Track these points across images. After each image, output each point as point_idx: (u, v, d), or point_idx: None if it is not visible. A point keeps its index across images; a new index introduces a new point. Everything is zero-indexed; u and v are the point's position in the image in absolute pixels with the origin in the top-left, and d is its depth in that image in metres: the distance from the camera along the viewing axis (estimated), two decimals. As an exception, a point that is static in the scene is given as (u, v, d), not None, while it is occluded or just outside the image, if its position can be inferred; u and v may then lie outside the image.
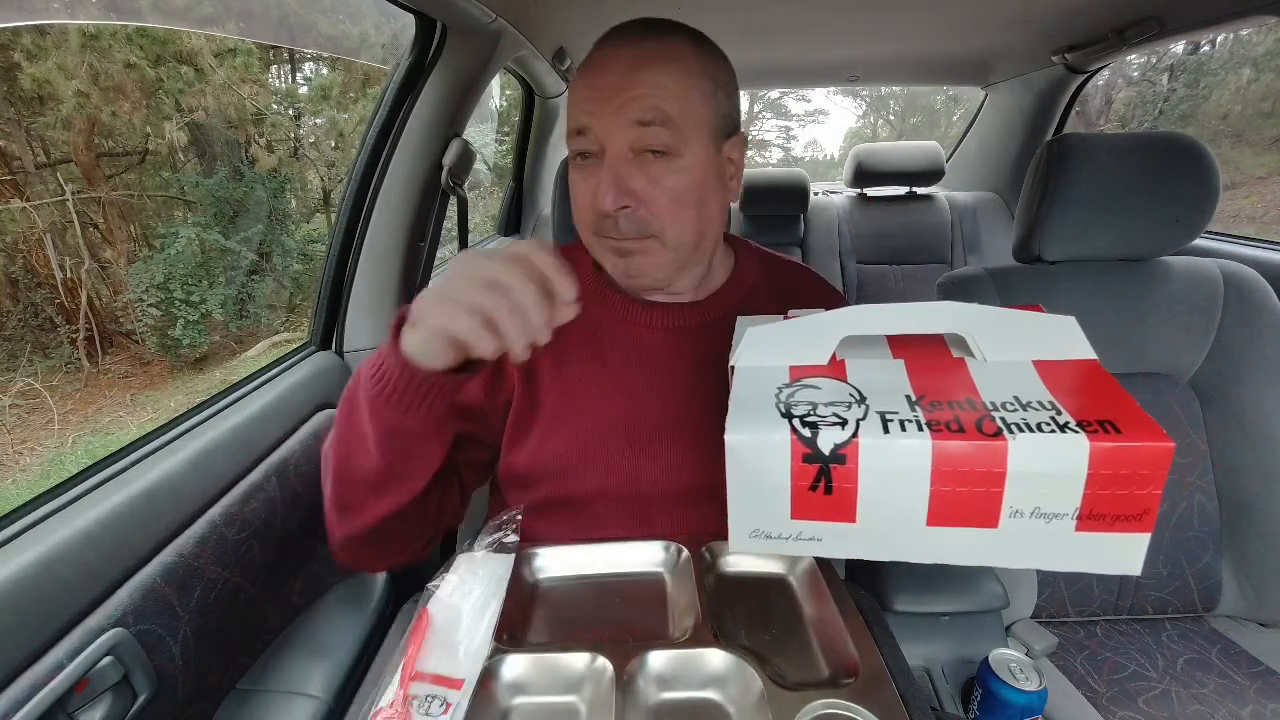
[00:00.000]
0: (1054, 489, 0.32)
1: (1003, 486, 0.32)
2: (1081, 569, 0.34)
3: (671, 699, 0.45)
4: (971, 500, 0.33)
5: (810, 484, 0.35)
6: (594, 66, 0.59)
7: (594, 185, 0.58)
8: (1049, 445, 0.31)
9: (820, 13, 1.35)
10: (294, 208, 6.10)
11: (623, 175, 0.57)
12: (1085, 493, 0.31)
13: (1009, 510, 0.33)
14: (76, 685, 0.49)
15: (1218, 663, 0.85)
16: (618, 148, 0.57)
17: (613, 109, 0.56)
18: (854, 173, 2.25)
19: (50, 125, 4.66)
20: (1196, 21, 1.23)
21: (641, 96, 0.55)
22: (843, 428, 0.34)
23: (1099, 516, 0.32)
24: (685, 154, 0.58)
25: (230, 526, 0.68)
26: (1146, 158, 0.87)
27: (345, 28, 4.81)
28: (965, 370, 0.38)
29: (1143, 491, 0.31)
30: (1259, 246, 1.45)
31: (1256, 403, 0.90)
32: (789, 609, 0.53)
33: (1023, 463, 0.31)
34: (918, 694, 0.44)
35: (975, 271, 0.98)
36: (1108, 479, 0.31)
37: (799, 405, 0.36)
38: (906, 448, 0.33)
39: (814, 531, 0.36)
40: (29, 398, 4.35)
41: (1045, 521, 0.33)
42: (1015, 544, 0.34)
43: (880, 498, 0.34)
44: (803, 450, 0.34)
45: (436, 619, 0.48)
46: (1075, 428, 0.31)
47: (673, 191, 0.58)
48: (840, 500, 0.35)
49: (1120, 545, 0.32)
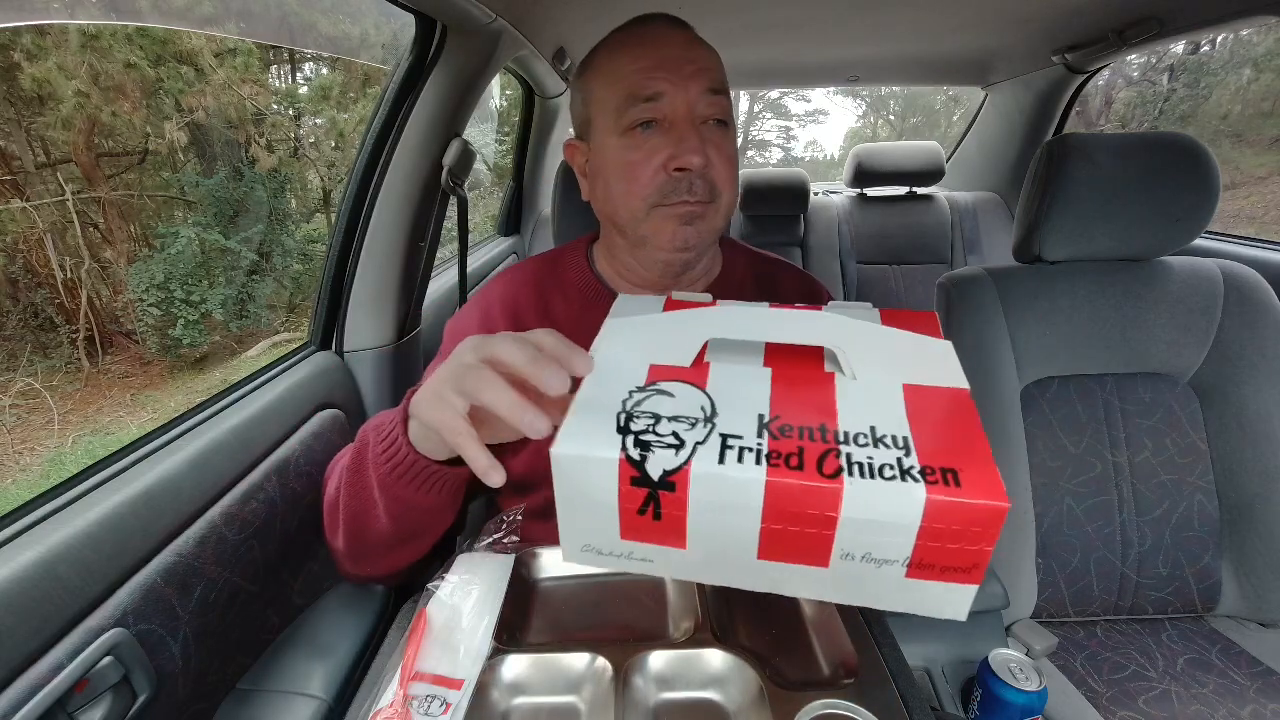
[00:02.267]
0: (886, 537, 0.31)
1: (834, 530, 0.31)
2: (909, 610, 0.33)
3: (671, 699, 0.45)
4: (802, 539, 0.32)
5: (639, 508, 0.33)
6: (650, 40, 0.61)
7: (660, 150, 0.59)
8: (884, 493, 0.30)
9: (820, 13, 1.35)
10: (294, 208, 6.10)
11: (703, 135, 0.59)
12: (916, 543, 0.31)
13: (840, 552, 0.32)
14: (76, 685, 0.49)
15: (1218, 663, 0.85)
16: (692, 113, 0.59)
17: (688, 75, 0.58)
18: (854, 173, 2.25)
19: (50, 125, 4.66)
20: (1196, 21, 1.23)
21: (710, 68, 0.60)
22: (677, 452, 0.32)
23: (929, 566, 0.31)
24: (730, 126, 0.63)
25: (230, 526, 0.68)
26: (1146, 158, 0.87)
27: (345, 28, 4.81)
28: (831, 389, 0.36)
29: (974, 547, 0.30)
30: (1259, 246, 1.45)
31: (1256, 403, 0.90)
32: (789, 609, 0.53)
33: (856, 509, 0.30)
34: (918, 694, 0.44)
35: (975, 271, 0.98)
36: (939, 532, 0.30)
37: (641, 418, 0.34)
38: (738, 481, 0.31)
39: (645, 553, 0.35)
40: (29, 398, 4.35)
41: (875, 566, 0.32)
42: (846, 583, 0.33)
43: (709, 529, 0.33)
44: (631, 473, 0.32)
45: (436, 619, 0.48)
46: (916, 475, 0.30)
47: (730, 159, 0.62)
48: (669, 526, 0.33)
49: (949, 594, 0.32)
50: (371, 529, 0.54)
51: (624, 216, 0.63)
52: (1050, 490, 0.93)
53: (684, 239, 0.61)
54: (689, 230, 0.61)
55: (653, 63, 0.59)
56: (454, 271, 1.40)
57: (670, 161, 0.58)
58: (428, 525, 0.55)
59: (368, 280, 1.07)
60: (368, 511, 0.53)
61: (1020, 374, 0.94)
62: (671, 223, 0.61)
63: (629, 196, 0.61)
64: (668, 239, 0.61)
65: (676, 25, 0.63)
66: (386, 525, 0.53)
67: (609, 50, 0.63)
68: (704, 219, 0.61)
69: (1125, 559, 0.93)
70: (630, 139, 0.60)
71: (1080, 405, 0.95)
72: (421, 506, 0.51)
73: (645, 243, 0.63)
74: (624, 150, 0.60)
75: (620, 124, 0.60)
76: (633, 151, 0.60)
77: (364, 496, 0.53)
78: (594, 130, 0.64)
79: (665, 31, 0.62)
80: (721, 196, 0.62)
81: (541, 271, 0.73)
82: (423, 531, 0.56)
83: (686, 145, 0.57)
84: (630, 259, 0.68)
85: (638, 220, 0.62)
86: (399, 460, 0.48)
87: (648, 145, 0.59)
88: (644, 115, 0.59)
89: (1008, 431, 0.93)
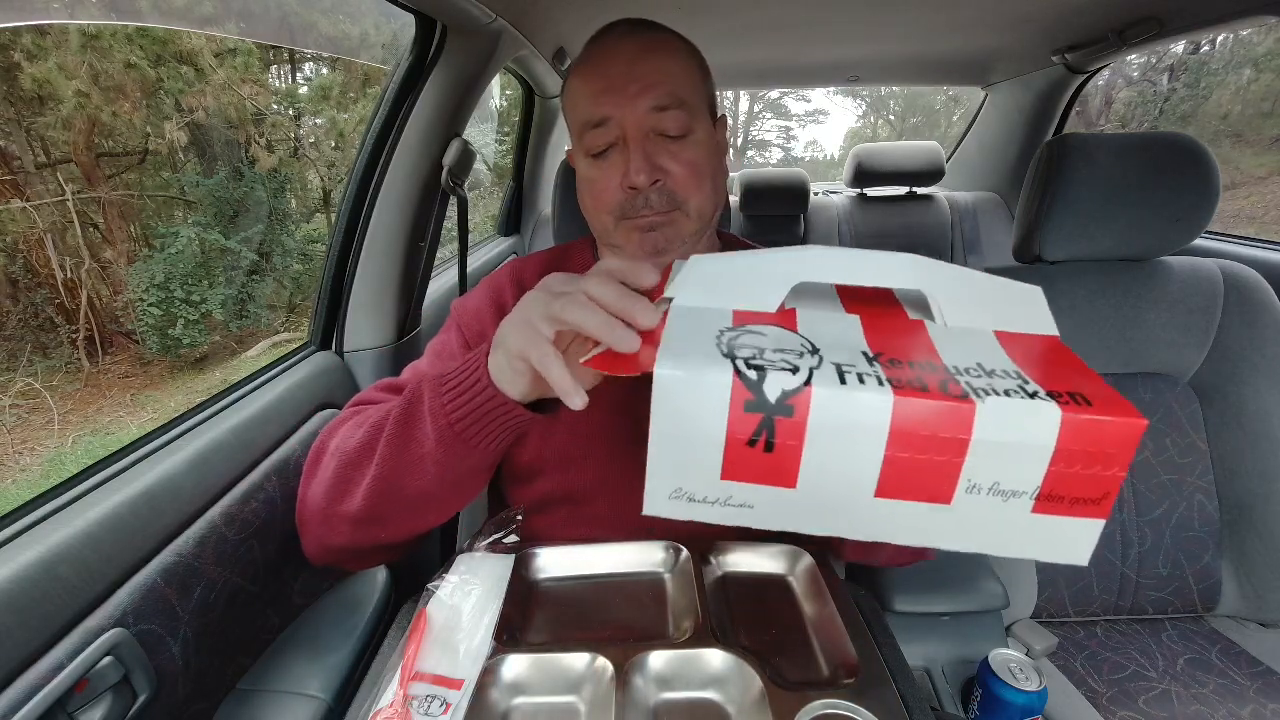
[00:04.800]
0: (1018, 462, 0.29)
1: (964, 456, 0.29)
2: (1030, 555, 0.31)
3: (671, 699, 0.45)
4: (928, 470, 0.29)
5: (749, 438, 0.30)
6: (597, 60, 0.63)
7: (617, 169, 0.62)
8: (1019, 412, 0.28)
9: (820, 13, 1.35)
10: (294, 208, 6.10)
11: (650, 152, 0.61)
12: (1049, 470, 0.29)
13: (966, 484, 0.29)
14: (76, 685, 0.49)
15: (1218, 663, 0.85)
16: (639, 131, 0.61)
17: (629, 96, 0.60)
18: (854, 173, 2.25)
19: (50, 125, 4.66)
20: (1196, 21, 1.23)
21: (656, 83, 0.60)
22: (794, 374, 0.29)
23: (1058, 498, 0.29)
24: (696, 130, 0.63)
25: (230, 526, 0.68)
26: (1146, 158, 0.87)
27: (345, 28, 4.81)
28: (924, 332, 0.35)
29: (1108, 472, 0.28)
30: (1259, 246, 1.45)
31: (1256, 403, 0.90)
32: (789, 609, 0.53)
33: (990, 430, 0.28)
34: (918, 694, 0.44)
35: (975, 271, 0.98)
36: (1075, 454, 0.28)
37: (744, 348, 0.31)
38: (865, 402, 0.29)
39: (745, 496, 0.32)
40: (29, 398, 4.35)
41: (1003, 500, 0.30)
42: (966, 524, 0.31)
43: (827, 461, 0.30)
44: (745, 395, 0.29)
45: (436, 619, 0.48)
46: (1045, 396, 0.28)
47: (693, 164, 0.62)
48: (781, 460, 0.30)
49: (1074, 531, 0.30)
50: (409, 487, 0.52)
51: (598, 228, 0.67)
52: (1050, 490, 0.93)
53: (651, 244, 0.63)
54: (654, 236, 0.63)
55: (599, 87, 0.61)
56: (454, 271, 1.40)
57: (623, 180, 0.61)
58: (467, 486, 0.54)
59: (368, 280, 1.07)
60: (411, 468, 0.51)
61: (1020, 374, 0.94)
62: (637, 234, 0.63)
63: (598, 212, 0.65)
64: (635, 248, 0.64)
65: (632, 34, 0.63)
66: (430, 484, 0.51)
67: (573, 68, 0.66)
68: (670, 225, 0.63)
69: (1125, 559, 0.93)
70: (591, 161, 0.64)
71: (1080, 405, 0.95)
72: (478, 462, 0.51)
73: (619, 252, 0.66)
74: (588, 169, 0.64)
75: (582, 147, 0.64)
76: (594, 170, 0.64)
77: (411, 453, 0.51)
78: (573, 147, 0.68)
79: (616, 45, 0.62)
80: (687, 204, 0.63)
81: (550, 263, 0.75)
82: (459, 493, 0.55)
83: (632, 165, 0.60)
84: None
85: (609, 232, 0.65)
86: (479, 403, 0.47)
87: (606, 164, 0.63)
88: (596, 140, 0.62)
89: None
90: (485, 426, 0.48)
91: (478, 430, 0.48)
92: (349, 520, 0.55)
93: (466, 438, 0.48)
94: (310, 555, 0.61)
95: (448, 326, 0.72)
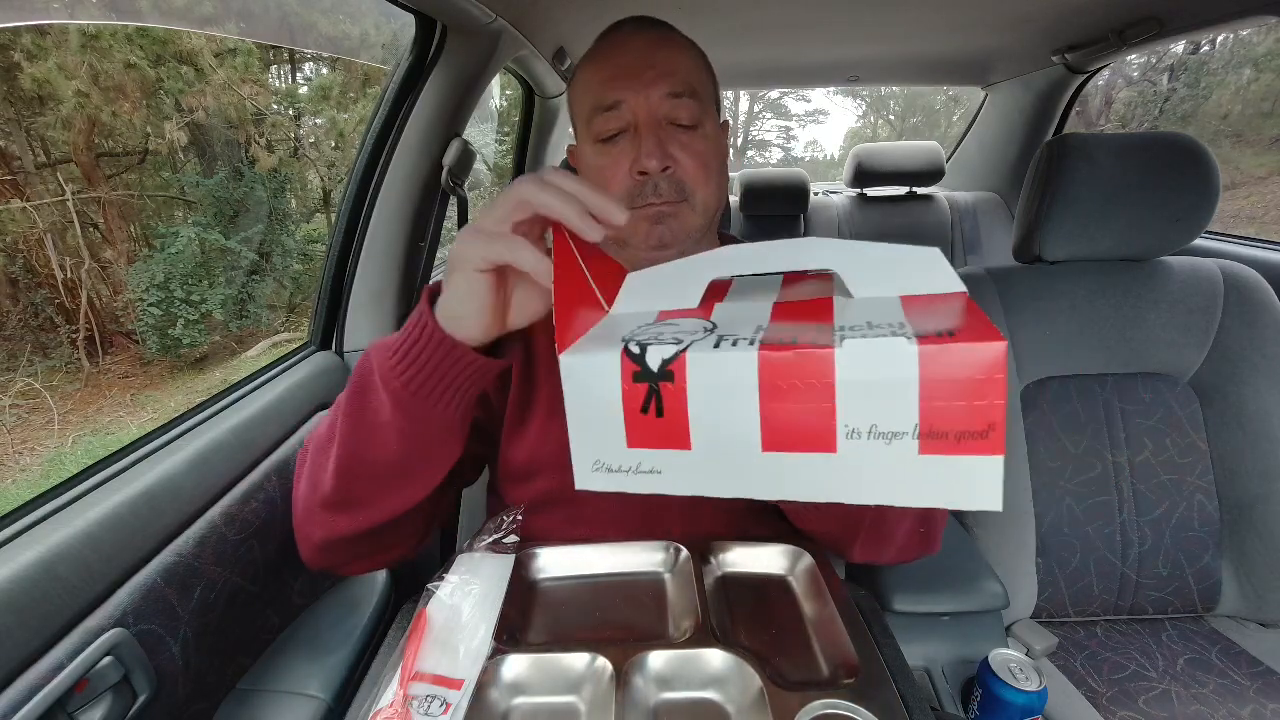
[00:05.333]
0: (888, 400, 0.29)
1: (834, 400, 0.30)
2: (934, 502, 0.31)
3: (671, 699, 0.45)
4: (805, 419, 0.31)
5: (641, 405, 0.34)
6: (611, 49, 0.63)
7: (626, 155, 0.61)
8: (876, 349, 0.29)
9: (820, 13, 1.35)
10: (294, 208, 6.10)
11: (663, 139, 0.61)
12: (922, 405, 0.29)
13: (845, 429, 0.31)
14: (76, 685, 0.49)
15: (1218, 663, 0.85)
16: (653, 117, 0.61)
17: (645, 82, 0.60)
18: (854, 173, 2.25)
19: (50, 125, 4.66)
20: (1196, 21, 1.23)
21: (671, 71, 0.61)
22: (675, 345, 0.33)
23: (941, 434, 0.29)
24: (706, 124, 0.63)
25: (230, 526, 0.68)
26: (1146, 158, 0.87)
27: (345, 28, 4.81)
28: (829, 305, 0.37)
29: (982, 401, 0.28)
30: (1259, 246, 1.45)
31: (1256, 403, 0.90)
32: (789, 609, 0.53)
33: (851, 370, 0.29)
34: (918, 694, 0.44)
35: (975, 271, 0.98)
36: (941, 385, 0.29)
37: (643, 333, 0.36)
38: (733, 359, 0.31)
39: (653, 462, 0.35)
40: (29, 398, 4.35)
41: (886, 443, 0.30)
42: (858, 472, 0.31)
43: (712, 419, 0.33)
44: (633, 368, 0.33)
45: (436, 619, 0.48)
46: (909, 335, 0.29)
47: (702, 156, 0.63)
48: (673, 424, 0.34)
49: (971, 471, 0.30)
50: (373, 460, 0.50)
51: None
52: (1050, 490, 0.93)
53: (658, 237, 0.63)
54: (661, 229, 0.63)
55: (613, 72, 0.62)
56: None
57: (633, 166, 0.61)
58: (436, 454, 0.51)
59: (368, 280, 1.07)
60: (371, 439, 0.49)
61: (1020, 374, 0.94)
62: (644, 223, 0.63)
63: None
64: (643, 238, 0.64)
65: (645, 28, 0.65)
66: (394, 454, 0.49)
67: (583, 61, 0.66)
68: (676, 217, 0.63)
69: (1125, 559, 0.93)
70: (599, 147, 0.63)
71: (1080, 405, 0.95)
72: (440, 419, 0.48)
73: (626, 243, 0.66)
74: (596, 157, 0.64)
75: (590, 133, 0.64)
76: (602, 158, 0.63)
77: (366, 423, 0.49)
78: (578, 138, 0.68)
79: (630, 37, 0.64)
80: (695, 195, 0.63)
81: None
82: (429, 461, 0.52)
83: (644, 149, 0.60)
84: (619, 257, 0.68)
85: None
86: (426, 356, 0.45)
87: (615, 151, 0.62)
88: (607, 124, 0.62)
89: (1008, 431, 0.93)
90: (440, 381, 0.46)
91: (431, 387, 0.46)
92: (325, 506, 0.53)
93: (421, 396, 0.46)
94: (304, 558, 0.59)
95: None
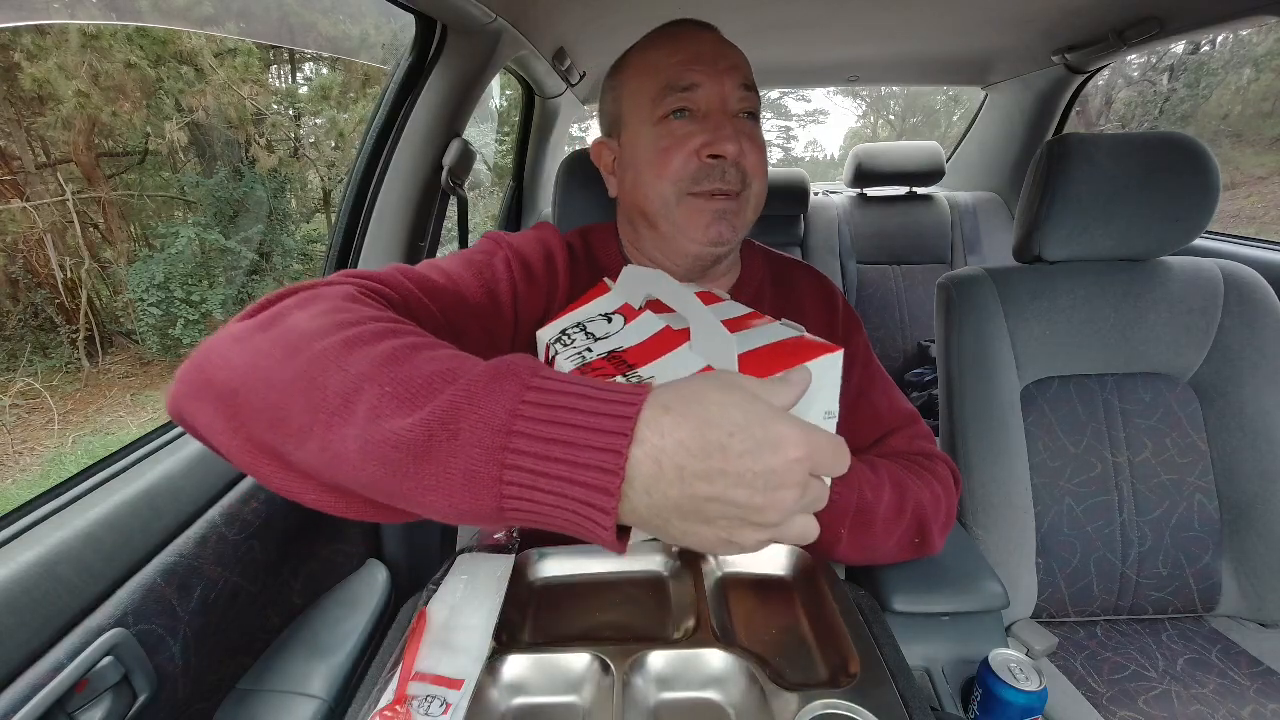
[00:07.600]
0: None
1: None
2: None
3: (671, 699, 0.45)
4: None
5: None
6: (683, 36, 0.64)
7: (694, 137, 0.61)
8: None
9: (820, 13, 1.35)
10: (294, 208, 6.10)
11: (736, 126, 0.61)
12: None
13: None
14: (76, 685, 0.49)
15: (1218, 663, 0.85)
16: (726, 105, 0.62)
17: (722, 70, 0.62)
18: (854, 173, 2.24)
19: (50, 125, 4.66)
20: (1196, 21, 1.23)
21: (742, 65, 0.63)
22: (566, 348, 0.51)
23: None
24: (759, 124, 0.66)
25: (230, 526, 0.68)
26: (1146, 158, 0.87)
27: (345, 28, 4.81)
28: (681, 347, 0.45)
29: None
30: (1259, 246, 1.45)
31: (1256, 403, 0.90)
32: (789, 609, 0.53)
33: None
34: (918, 694, 0.44)
35: (975, 271, 0.98)
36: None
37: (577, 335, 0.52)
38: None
39: None
40: (29, 398, 4.35)
41: None
42: None
43: None
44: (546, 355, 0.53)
45: (436, 619, 0.48)
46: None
47: (762, 150, 0.64)
48: None
49: None
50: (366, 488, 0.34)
51: (655, 204, 0.63)
52: (1050, 490, 0.93)
53: (717, 234, 0.62)
54: (722, 226, 0.62)
55: (688, 56, 0.62)
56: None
57: (704, 148, 0.60)
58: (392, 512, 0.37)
59: (368, 280, 1.07)
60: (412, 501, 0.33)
61: (1020, 374, 0.94)
62: (704, 215, 0.62)
63: (660, 182, 0.62)
64: (700, 232, 0.62)
65: (706, 27, 0.67)
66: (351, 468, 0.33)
67: (642, 49, 0.66)
68: (737, 214, 0.63)
69: (1125, 559, 0.93)
70: (664, 127, 0.62)
71: (1080, 405, 0.95)
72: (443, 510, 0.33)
73: (676, 234, 0.63)
74: (658, 138, 0.62)
75: (655, 113, 0.62)
76: (666, 138, 0.62)
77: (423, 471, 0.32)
78: (626, 125, 0.66)
79: (698, 31, 0.65)
80: (752, 185, 0.64)
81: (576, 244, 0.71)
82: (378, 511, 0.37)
83: (721, 133, 0.59)
84: (657, 252, 0.68)
85: (669, 207, 0.63)
86: (566, 490, 0.31)
87: (682, 132, 0.61)
88: (680, 103, 0.61)
89: (1008, 431, 0.93)
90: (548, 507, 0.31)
91: (527, 505, 0.32)
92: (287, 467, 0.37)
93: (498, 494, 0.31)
94: (176, 412, 0.40)
95: (487, 249, 0.63)
